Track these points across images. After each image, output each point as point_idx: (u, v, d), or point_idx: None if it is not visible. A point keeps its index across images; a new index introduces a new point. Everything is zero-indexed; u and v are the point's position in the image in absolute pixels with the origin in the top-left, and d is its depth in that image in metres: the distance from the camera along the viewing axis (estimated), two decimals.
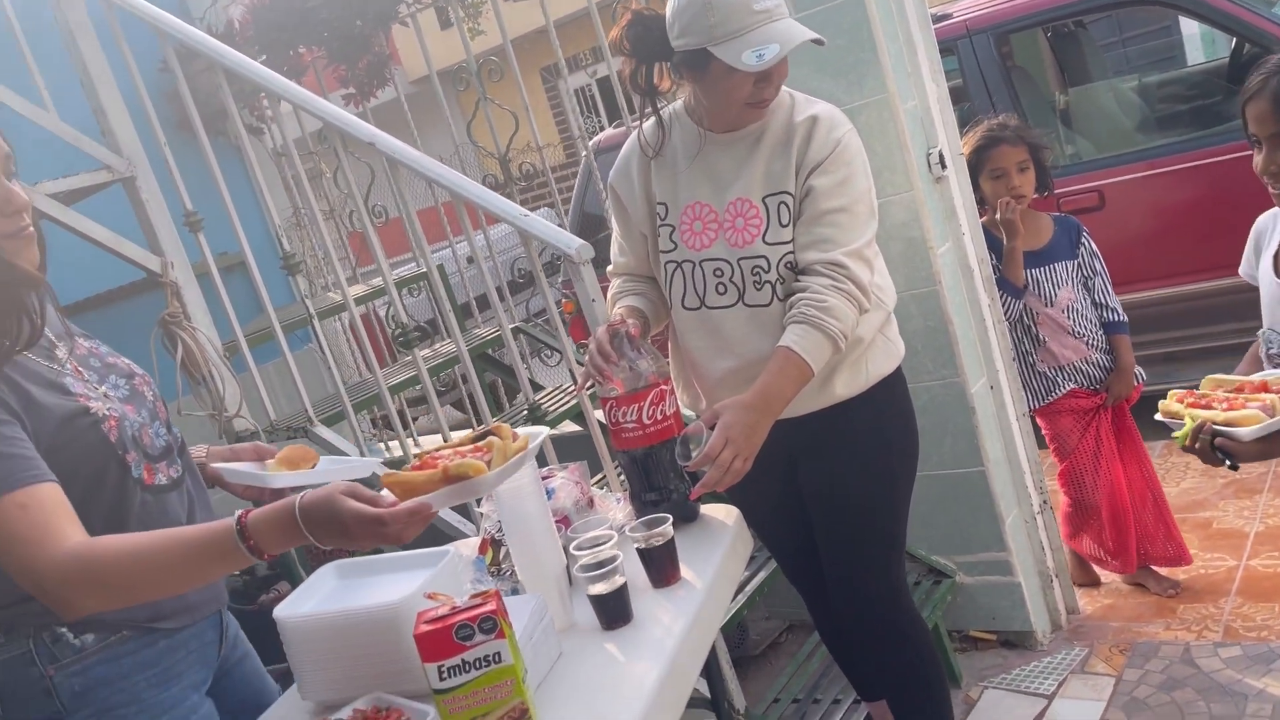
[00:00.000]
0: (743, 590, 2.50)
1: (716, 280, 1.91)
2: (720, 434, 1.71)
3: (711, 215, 1.91)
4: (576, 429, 3.20)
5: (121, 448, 1.42)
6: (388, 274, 2.50)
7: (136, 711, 1.41)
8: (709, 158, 1.93)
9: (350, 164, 2.75)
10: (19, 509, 1.25)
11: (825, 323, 1.78)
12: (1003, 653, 2.78)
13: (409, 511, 1.29)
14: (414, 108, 3.49)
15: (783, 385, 1.78)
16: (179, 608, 1.47)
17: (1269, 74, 1.56)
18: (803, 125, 1.87)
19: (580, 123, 3.34)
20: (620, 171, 2.04)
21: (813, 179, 1.85)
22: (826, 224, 1.84)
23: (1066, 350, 2.83)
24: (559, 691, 1.37)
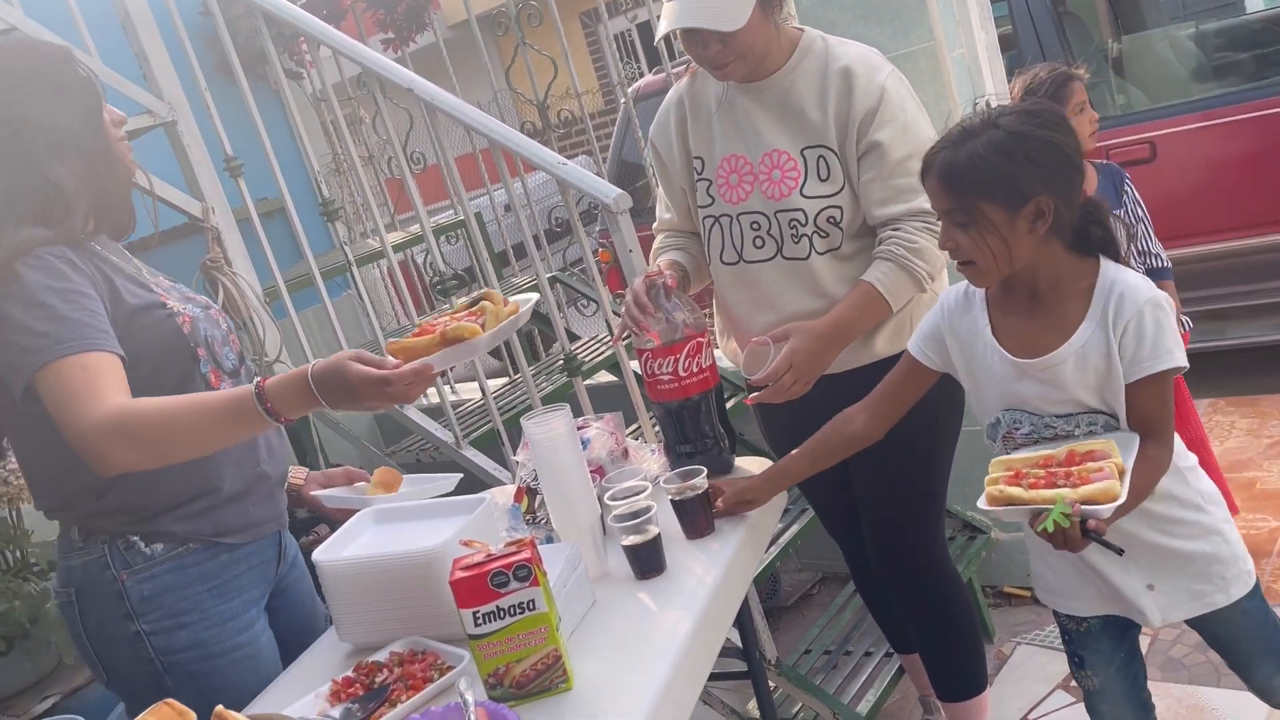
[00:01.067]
0: (776, 542, 2.50)
1: (754, 234, 1.89)
2: (787, 356, 1.73)
3: (747, 167, 1.88)
4: (612, 379, 3.20)
5: (194, 340, 1.52)
6: (425, 222, 2.50)
7: (199, 619, 1.51)
8: (738, 109, 1.89)
9: (389, 110, 2.74)
10: (80, 370, 1.34)
11: (913, 264, 1.78)
12: (1036, 609, 2.77)
13: (412, 371, 1.35)
14: (453, 53, 3.46)
15: (857, 318, 1.79)
16: (242, 524, 1.56)
17: None
18: (837, 78, 1.82)
19: (619, 69, 3.30)
20: (659, 127, 2.01)
21: (873, 134, 1.79)
22: (901, 174, 1.80)
23: None
24: (592, 640, 1.39)
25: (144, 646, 1.49)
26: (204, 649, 1.51)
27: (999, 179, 1.41)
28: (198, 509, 1.53)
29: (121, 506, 1.49)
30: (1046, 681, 2.47)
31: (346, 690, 1.36)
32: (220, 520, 1.54)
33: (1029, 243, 1.45)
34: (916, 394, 1.69)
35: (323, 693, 1.36)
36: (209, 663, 1.51)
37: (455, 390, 3.61)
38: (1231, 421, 3.52)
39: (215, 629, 1.52)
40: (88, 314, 1.39)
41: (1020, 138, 1.41)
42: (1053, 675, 2.48)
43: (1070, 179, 1.45)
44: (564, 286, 3.61)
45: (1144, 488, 1.43)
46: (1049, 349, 1.48)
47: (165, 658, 1.50)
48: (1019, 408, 1.54)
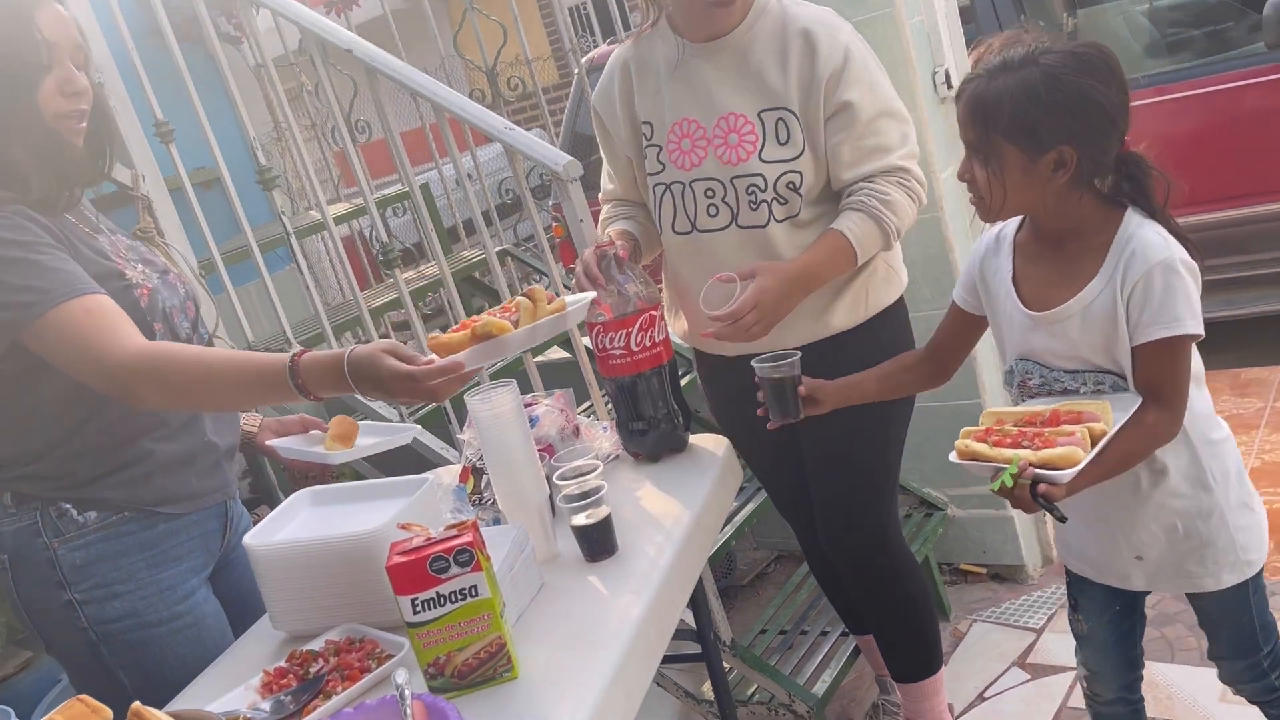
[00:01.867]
0: (731, 521, 2.46)
1: (708, 201, 1.82)
2: (753, 294, 1.67)
3: (700, 132, 1.81)
4: (564, 355, 3.13)
5: (151, 315, 1.49)
6: (368, 191, 2.41)
7: (134, 589, 1.47)
8: (692, 71, 1.82)
9: (332, 77, 2.63)
10: (84, 313, 1.35)
11: (884, 215, 1.73)
12: (992, 586, 2.76)
13: (440, 369, 1.33)
14: (401, 24, 3.35)
15: (825, 265, 1.73)
16: (182, 494, 1.52)
17: None
18: (798, 38, 1.75)
19: (573, 38, 3.21)
20: (602, 92, 1.93)
21: (841, 94, 1.73)
22: (872, 133, 1.75)
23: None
24: (540, 625, 1.33)
25: (77, 616, 1.46)
26: (139, 618, 1.47)
27: (1023, 122, 1.36)
28: (135, 475, 1.48)
29: (55, 472, 1.45)
30: (1002, 659, 2.46)
31: (279, 681, 1.29)
32: (159, 488, 1.49)
33: (1048, 190, 1.39)
34: (970, 340, 1.68)
35: (254, 684, 1.29)
36: (146, 632, 1.48)
37: None
38: None
39: (151, 598, 1.48)
40: (62, 261, 1.38)
41: (1055, 81, 1.35)
42: (1009, 653, 2.47)
43: (1102, 131, 1.38)
44: (515, 261, 3.52)
45: (1131, 454, 1.38)
46: (1059, 302, 1.44)
47: (99, 627, 1.46)
48: (1030, 358, 1.50)
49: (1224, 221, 3.59)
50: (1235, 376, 3.58)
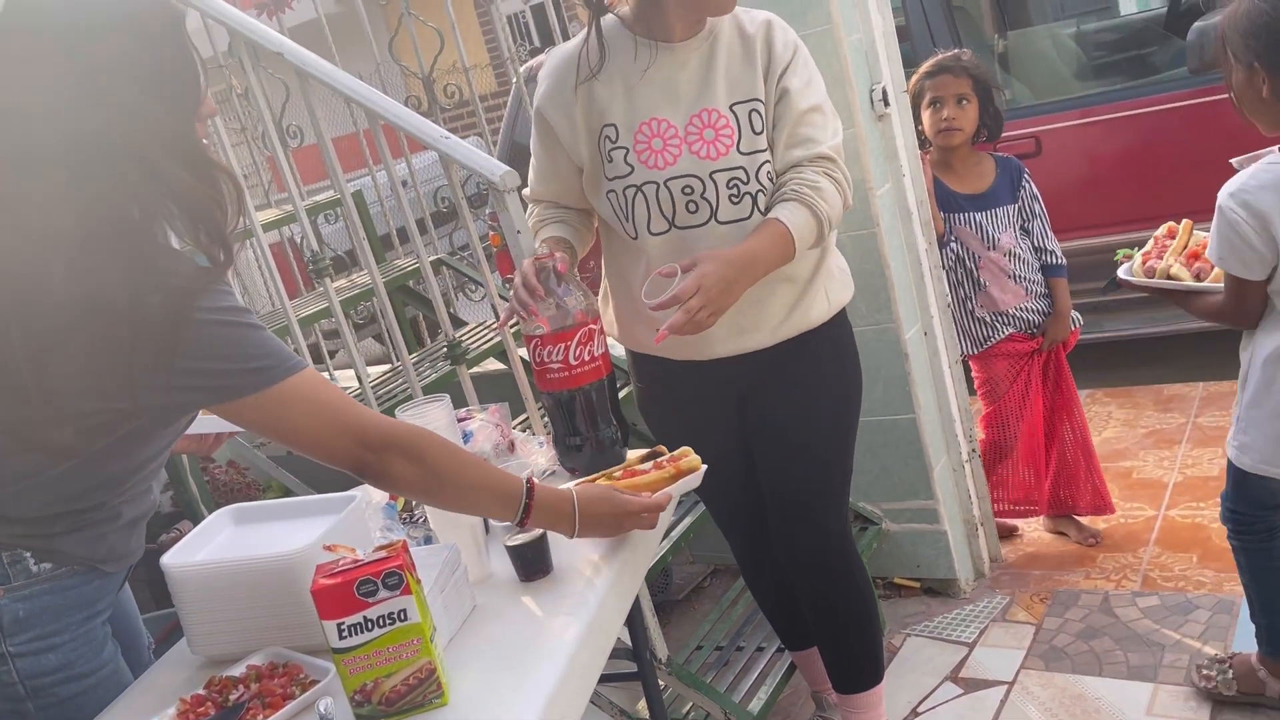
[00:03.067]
0: (669, 535, 2.43)
1: (686, 199, 1.80)
2: (695, 279, 1.63)
3: (672, 131, 1.80)
4: (501, 367, 3.09)
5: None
6: (298, 198, 2.34)
7: (68, 640, 1.38)
8: (661, 71, 1.81)
9: (264, 80, 2.56)
10: (324, 384, 1.31)
11: (816, 203, 1.74)
12: (926, 600, 2.77)
13: (655, 503, 1.49)
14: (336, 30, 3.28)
15: (767, 252, 1.72)
16: (124, 553, 1.44)
17: None
18: (760, 30, 1.81)
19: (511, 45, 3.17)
20: (551, 96, 1.86)
21: (784, 81, 1.79)
22: (805, 124, 1.79)
23: (1007, 295, 2.76)
24: (472, 648, 1.29)
25: (7, 669, 1.34)
26: (71, 670, 1.37)
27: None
28: (98, 533, 1.38)
29: (28, 518, 1.33)
30: (935, 674, 2.47)
31: (196, 710, 1.23)
32: (111, 545, 1.40)
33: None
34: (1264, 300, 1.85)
35: (169, 714, 1.23)
36: (77, 684, 1.38)
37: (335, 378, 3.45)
38: (1109, 412, 3.62)
39: (82, 650, 1.38)
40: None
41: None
42: (942, 667, 2.49)
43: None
44: (451, 270, 3.47)
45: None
46: None
47: (30, 681, 1.35)
48: None
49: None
50: (1158, 392, 3.67)
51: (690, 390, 1.98)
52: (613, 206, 1.84)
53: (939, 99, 2.72)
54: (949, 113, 2.70)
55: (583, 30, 1.87)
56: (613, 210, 1.85)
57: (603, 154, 1.83)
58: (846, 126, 2.40)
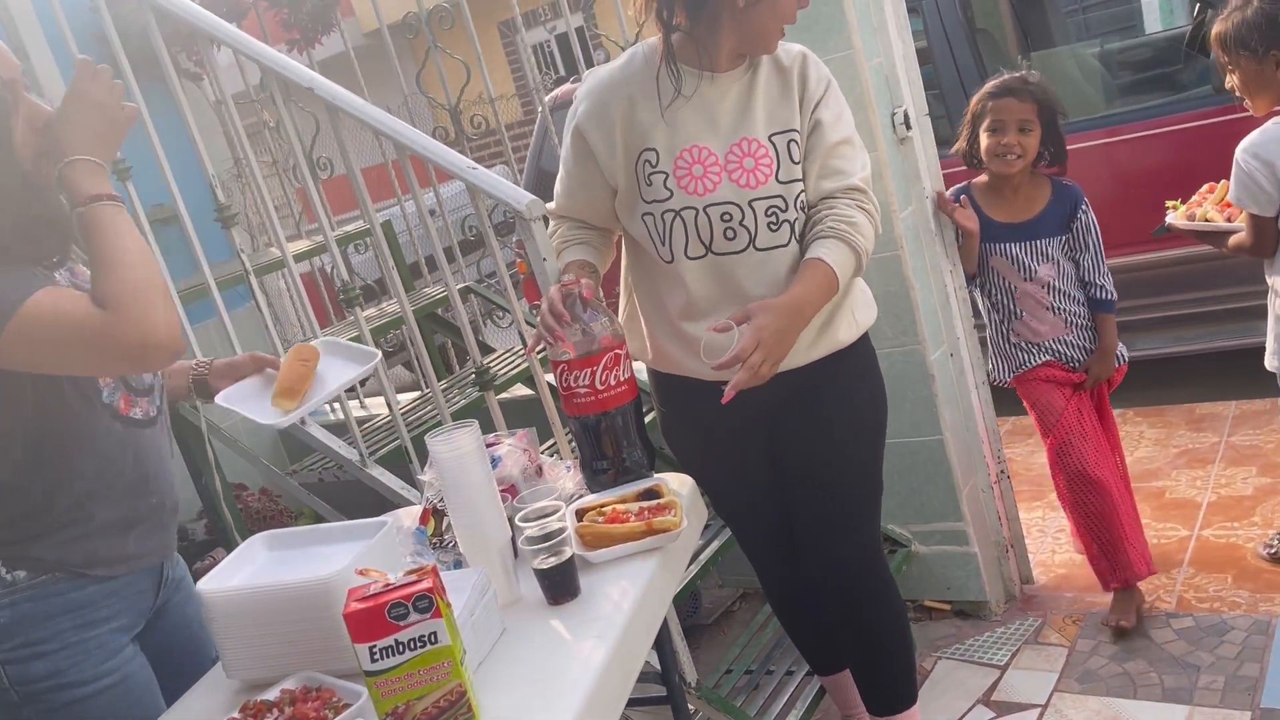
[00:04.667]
0: (696, 559, 2.44)
1: (725, 225, 1.83)
2: (753, 334, 1.67)
3: (713, 159, 1.83)
4: (529, 393, 3.12)
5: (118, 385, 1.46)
6: (328, 228, 2.39)
7: (58, 648, 1.42)
8: (704, 100, 1.84)
9: (295, 114, 2.62)
10: (53, 304, 1.30)
11: (854, 237, 1.79)
12: (957, 623, 2.76)
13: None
14: (365, 62, 3.35)
15: (815, 294, 1.76)
16: (117, 556, 1.47)
17: None
18: (796, 63, 1.87)
19: (537, 75, 3.22)
20: (592, 116, 1.87)
21: (818, 113, 1.85)
22: (836, 156, 1.85)
23: (1044, 326, 2.59)
24: (501, 671, 1.30)
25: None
26: (62, 678, 1.42)
27: None
28: (70, 536, 1.43)
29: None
30: (968, 697, 2.45)
31: None
32: (93, 550, 1.44)
33: None
34: None
35: None
36: (69, 693, 1.42)
37: (365, 406, 3.49)
38: (1140, 432, 3.59)
39: (77, 659, 1.43)
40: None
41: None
42: (974, 690, 2.47)
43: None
44: (479, 298, 3.51)
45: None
46: None
47: (21, 687, 1.41)
48: None
49: (1175, 259, 3.66)
50: (1190, 412, 3.63)
51: (718, 411, 1.99)
52: (648, 229, 1.87)
53: (1000, 123, 2.50)
54: (1010, 139, 2.48)
55: (622, 55, 1.91)
56: (648, 233, 1.87)
57: (641, 177, 1.85)
58: (870, 150, 2.42)
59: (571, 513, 1.61)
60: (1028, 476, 3.43)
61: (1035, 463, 3.46)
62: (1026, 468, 3.50)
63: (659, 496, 1.63)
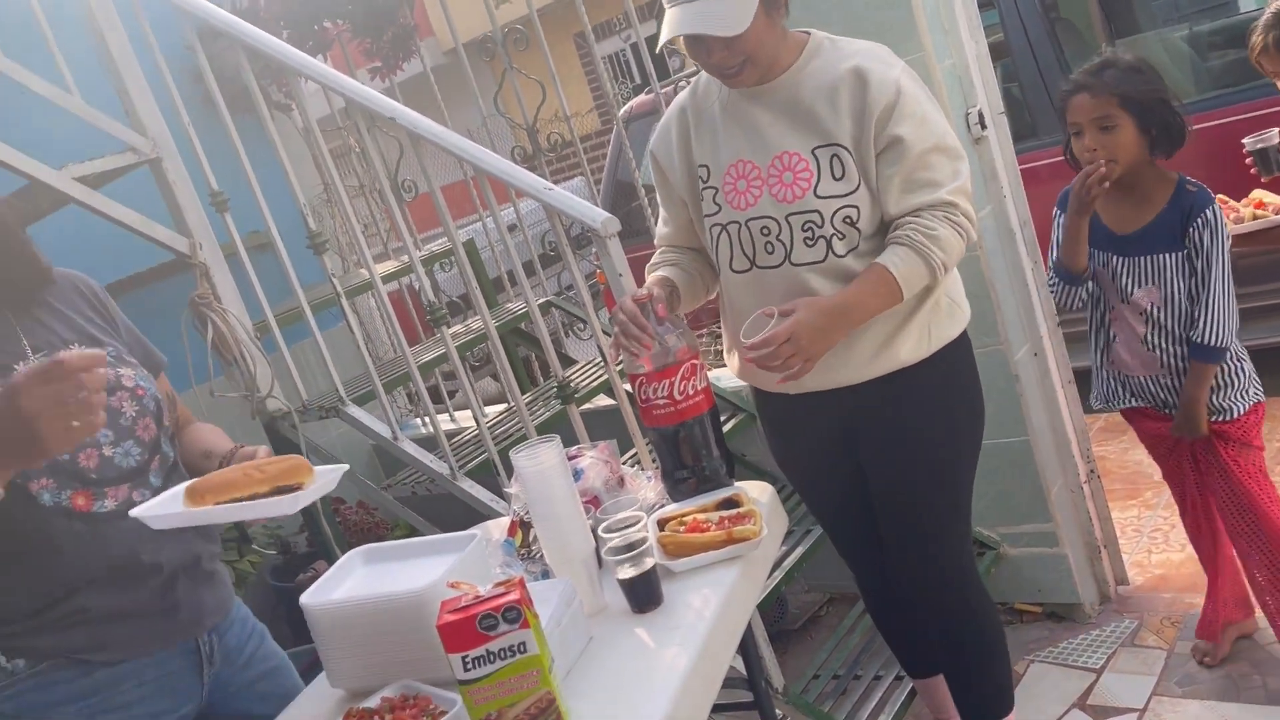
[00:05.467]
0: (781, 565, 2.46)
1: (764, 239, 1.85)
2: (788, 326, 1.68)
3: (755, 172, 1.85)
4: (610, 402, 3.17)
5: (22, 476, 1.33)
6: (414, 252, 2.48)
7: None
8: (744, 113, 1.87)
9: (378, 139, 2.71)
10: None
11: (930, 250, 1.74)
12: (1049, 625, 2.72)
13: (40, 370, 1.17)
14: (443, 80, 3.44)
15: (867, 300, 1.74)
16: (120, 642, 1.42)
17: None
18: (849, 75, 1.79)
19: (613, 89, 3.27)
20: (660, 138, 1.98)
21: (893, 129, 1.76)
22: (923, 167, 1.77)
23: (1135, 360, 2.20)
24: (588, 679, 1.35)
25: None
26: None
27: None
28: (68, 624, 1.38)
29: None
30: (1062, 701, 2.42)
31: None
32: (95, 636, 1.39)
33: None
34: None
35: None
36: None
37: (455, 419, 3.58)
38: None
39: None
40: None
41: None
42: (1068, 694, 2.43)
43: None
44: (559, 311, 3.57)
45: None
46: None
47: None
48: None
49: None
50: None
51: (797, 421, 2.01)
52: (708, 244, 1.91)
53: (1077, 125, 2.12)
54: (1090, 141, 2.09)
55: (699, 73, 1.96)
56: (709, 247, 1.92)
57: (698, 193, 1.90)
58: None
59: (653, 523, 1.64)
60: (1121, 475, 3.35)
61: (1129, 460, 3.38)
62: (1120, 465, 3.41)
63: (739, 505, 1.65)
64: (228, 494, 1.36)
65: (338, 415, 2.62)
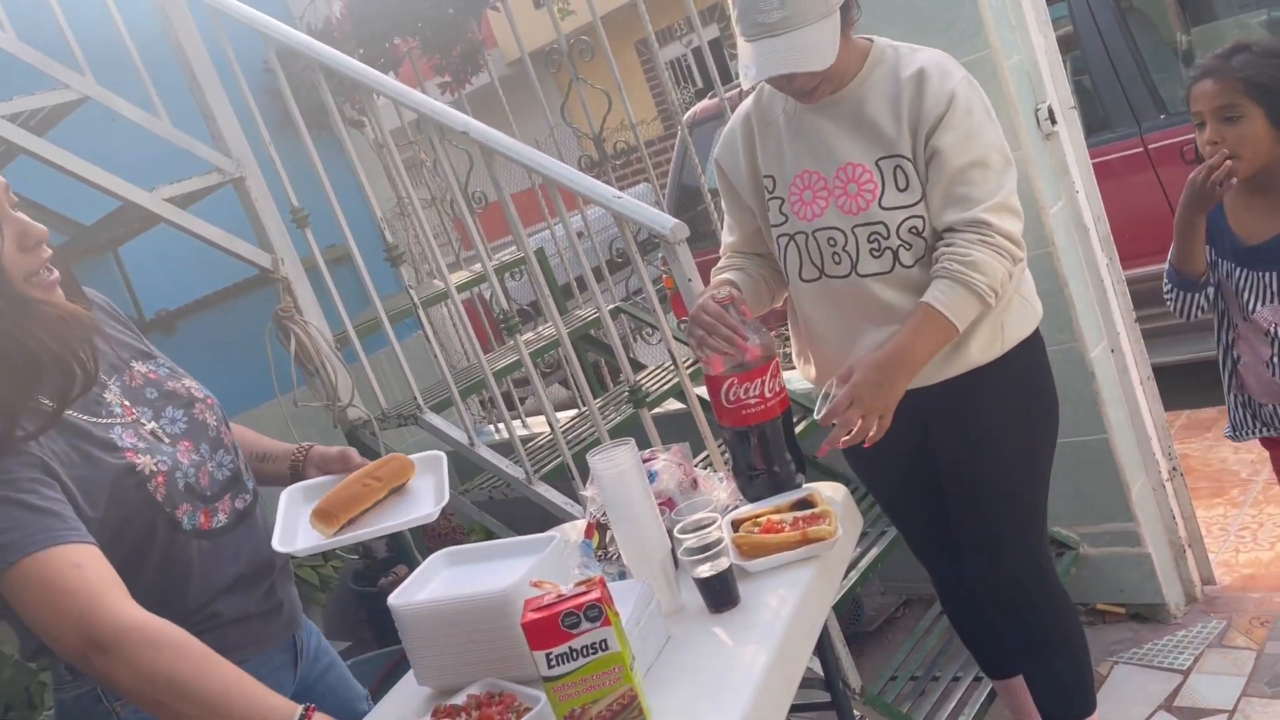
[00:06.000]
0: (855, 566, 2.45)
1: (831, 250, 1.87)
2: (847, 392, 1.70)
3: (821, 183, 1.86)
4: (680, 406, 3.19)
5: (170, 504, 1.38)
6: (487, 262, 2.53)
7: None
8: (811, 125, 1.88)
9: (448, 152, 2.78)
10: (72, 566, 1.20)
11: (971, 278, 1.72)
12: (1133, 626, 2.67)
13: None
14: (509, 90, 3.50)
15: (919, 343, 1.74)
16: (243, 641, 1.47)
17: None
18: (909, 83, 1.78)
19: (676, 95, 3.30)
20: (726, 147, 2.00)
21: (935, 139, 1.76)
22: (961, 182, 1.76)
23: (1261, 385, 1.99)
24: (668, 677, 1.37)
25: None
26: None
27: None
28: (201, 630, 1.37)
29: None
30: (1148, 703, 2.37)
31: None
32: (223, 638, 1.42)
33: None
34: None
35: None
36: None
37: (527, 425, 3.64)
38: None
39: None
40: (48, 500, 1.24)
41: None
42: (1154, 696, 2.38)
43: None
44: (628, 316, 3.61)
45: None
46: None
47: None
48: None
49: None
50: None
51: None
52: (776, 253, 1.94)
53: (1199, 115, 1.89)
54: (1211, 134, 1.86)
55: None
56: (777, 256, 1.94)
57: (764, 203, 1.92)
58: (1013, 149, 2.38)
59: (728, 523, 1.66)
60: (1205, 472, 3.27)
61: (1213, 458, 3.30)
62: (1204, 463, 3.34)
63: (813, 506, 1.66)
64: (356, 508, 1.45)
65: (416, 423, 2.69)
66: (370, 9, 3.49)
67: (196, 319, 3.26)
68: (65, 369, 1.27)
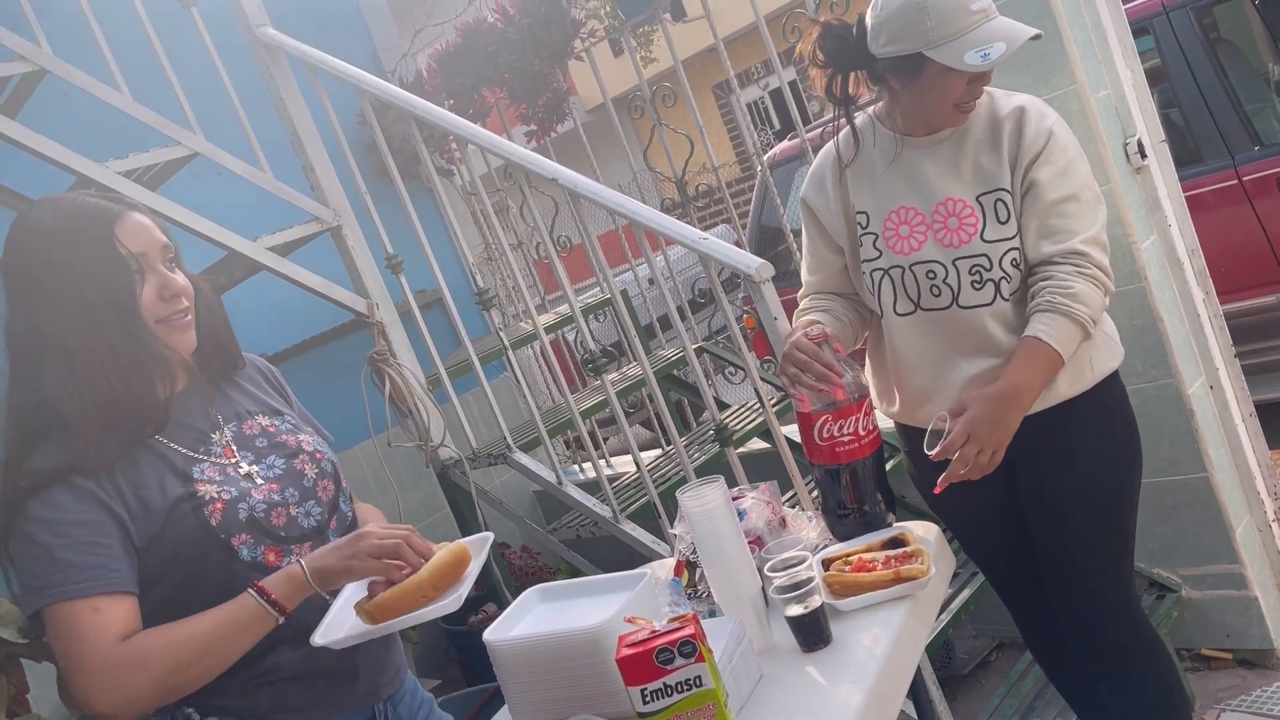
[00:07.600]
0: (947, 608, 2.42)
1: (929, 283, 1.88)
2: (963, 427, 1.71)
3: (919, 218, 1.88)
4: (764, 446, 3.19)
5: (225, 531, 1.40)
6: (574, 305, 2.58)
7: None
8: (909, 162, 1.90)
9: (534, 197, 2.85)
10: (92, 611, 1.30)
11: (1073, 309, 1.75)
12: (1240, 673, 2.56)
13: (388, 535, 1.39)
14: (592, 135, 3.58)
15: (1031, 376, 1.76)
16: (304, 704, 1.45)
17: None
18: (1010, 118, 1.84)
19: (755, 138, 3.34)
20: (814, 184, 2.02)
21: (1033, 173, 1.81)
22: (1057, 215, 1.81)
23: None
24: (762, 715, 1.37)
25: None
26: None
27: None
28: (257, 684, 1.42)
29: None
30: None
31: None
32: (282, 696, 1.43)
33: None
34: None
35: None
36: None
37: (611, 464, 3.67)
38: None
39: None
40: (98, 548, 1.32)
41: None
42: None
43: None
44: (710, 355, 3.63)
45: None
46: None
47: None
48: None
49: None
50: None
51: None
52: (867, 288, 1.94)
53: None
54: None
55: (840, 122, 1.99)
56: (867, 291, 1.94)
57: (856, 239, 1.93)
58: (1102, 184, 2.36)
59: (818, 562, 1.66)
60: None
61: None
62: None
63: (904, 545, 1.65)
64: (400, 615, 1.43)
65: (505, 462, 2.74)
66: (458, 62, 3.61)
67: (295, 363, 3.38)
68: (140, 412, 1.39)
